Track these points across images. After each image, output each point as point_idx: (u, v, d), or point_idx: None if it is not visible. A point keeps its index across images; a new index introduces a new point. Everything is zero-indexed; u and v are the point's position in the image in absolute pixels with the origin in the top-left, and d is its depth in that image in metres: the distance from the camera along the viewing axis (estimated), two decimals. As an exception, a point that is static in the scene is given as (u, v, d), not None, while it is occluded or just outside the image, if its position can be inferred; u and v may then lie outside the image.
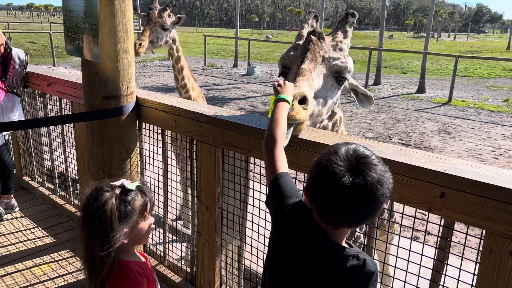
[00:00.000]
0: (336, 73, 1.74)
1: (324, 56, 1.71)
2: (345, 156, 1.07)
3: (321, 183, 1.10)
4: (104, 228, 1.43)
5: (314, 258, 1.15)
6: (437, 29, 77.03)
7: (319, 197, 1.11)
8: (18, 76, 3.63)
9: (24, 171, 4.30)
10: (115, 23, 2.24)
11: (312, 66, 1.67)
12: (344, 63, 1.74)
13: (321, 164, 1.10)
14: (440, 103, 14.67)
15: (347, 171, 1.05)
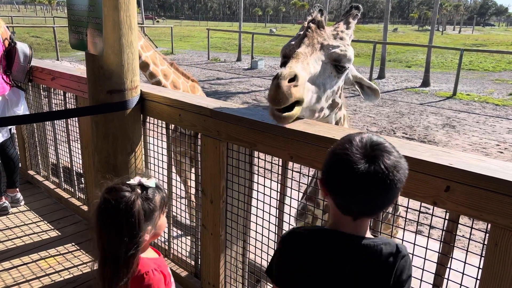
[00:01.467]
0: (335, 61, 1.72)
1: (322, 43, 1.70)
2: (360, 144, 1.08)
3: (338, 172, 1.10)
4: (132, 229, 1.39)
5: (349, 261, 1.14)
6: (442, 22, 76.41)
7: (336, 186, 1.11)
8: (22, 70, 3.64)
9: (29, 165, 4.32)
10: (119, 16, 2.24)
11: (309, 51, 1.65)
12: (344, 51, 1.72)
13: (337, 153, 1.10)
14: (444, 97, 14.60)
15: (362, 158, 1.05)
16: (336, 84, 1.78)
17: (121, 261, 1.41)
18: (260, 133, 1.89)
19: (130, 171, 2.51)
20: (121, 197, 1.41)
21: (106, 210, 1.42)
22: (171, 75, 3.49)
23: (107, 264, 1.44)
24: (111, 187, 1.45)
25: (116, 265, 1.42)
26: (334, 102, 1.83)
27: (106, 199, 1.42)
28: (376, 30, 54.66)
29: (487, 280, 1.33)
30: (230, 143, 2.12)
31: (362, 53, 27.82)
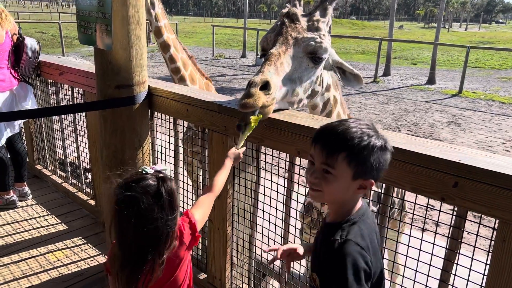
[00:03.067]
0: (311, 54, 1.74)
1: (297, 37, 1.72)
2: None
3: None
4: (172, 208, 1.36)
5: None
6: (448, 20, 75.92)
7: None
8: (30, 65, 3.67)
9: (36, 160, 4.36)
10: (128, 12, 2.25)
11: (282, 50, 1.69)
12: (319, 42, 1.74)
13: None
14: (450, 95, 14.53)
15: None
16: (314, 74, 1.82)
17: (163, 242, 1.37)
18: (268, 128, 1.90)
19: (138, 165, 2.53)
20: (152, 183, 1.34)
21: (134, 198, 1.31)
22: (189, 67, 3.36)
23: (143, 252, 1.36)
24: (130, 180, 1.36)
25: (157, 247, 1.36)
26: (314, 91, 1.88)
27: (131, 188, 1.32)
28: (381, 27, 54.42)
29: (495, 276, 1.34)
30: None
31: (367, 50, 27.71)
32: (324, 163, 1.19)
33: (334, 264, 1.16)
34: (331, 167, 1.18)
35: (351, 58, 24.62)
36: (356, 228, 1.21)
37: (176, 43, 3.27)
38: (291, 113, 1.96)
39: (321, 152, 1.19)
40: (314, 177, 1.22)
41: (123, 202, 1.32)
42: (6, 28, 3.42)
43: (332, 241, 1.18)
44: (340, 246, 1.16)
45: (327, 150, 1.18)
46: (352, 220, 1.23)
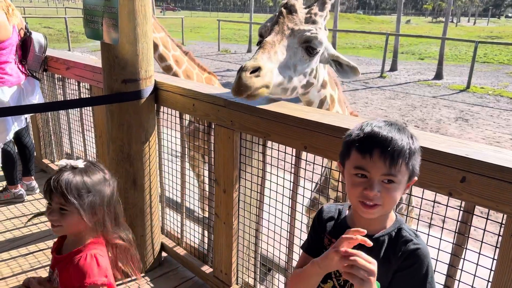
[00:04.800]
0: (305, 42, 1.77)
1: (293, 28, 1.75)
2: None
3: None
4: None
5: None
6: (456, 14, 75.18)
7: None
8: (37, 60, 3.68)
9: (44, 154, 4.38)
10: (134, 6, 2.25)
11: (278, 39, 1.72)
12: (314, 34, 1.77)
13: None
14: (458, 90, 14.42)
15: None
16: (309, 66, 1.84)
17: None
18: (274, 123, 1.90)
19: (144, 160, 2.54)
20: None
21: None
22: (184, 63, 3.36)
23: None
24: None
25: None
26: (309, 82, 1.90)
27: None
28: (388, 21, 53.98)
29: (503, 271, 1.33)
30: (244, 133, 2.13)
31: (374, 45, 27.52)
32: (388, 173, 1.11)
33: (417, 264, 1.16)
34: (395, 176, 1.12)
35: (358, 53, 24.47)
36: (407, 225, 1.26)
37: (165, 41, 3.27)
38: (297, 107, 1.95)
39: (383, 163, 1.10)
40: (376, 191, 1.12)
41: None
42: (13, 23, 3.43)
43: (413, 249, 1.17)
44: (420, 245, 1.18)
45: (390, 160, 1.10)
46: (400, 219, 1.25)
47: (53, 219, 1.49)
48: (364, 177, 1.13)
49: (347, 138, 1.20)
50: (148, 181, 2.61)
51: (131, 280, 2.70)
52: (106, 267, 1.57)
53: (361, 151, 1.12)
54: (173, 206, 2.89)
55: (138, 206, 2.63)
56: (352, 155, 1.16)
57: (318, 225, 1.33)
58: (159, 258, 2.89)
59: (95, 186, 1.54)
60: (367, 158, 1.11)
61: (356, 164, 1.14)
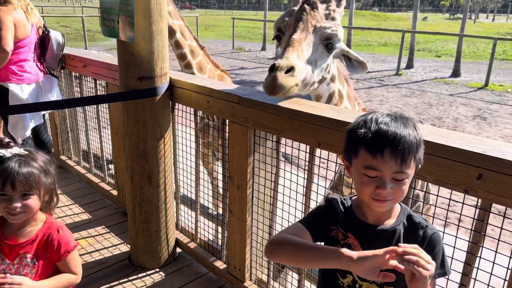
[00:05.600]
0: (326, 40, 1.83)
1: (315, 25, 1.79)
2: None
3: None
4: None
5: None
6: (474, 10, 73.81)
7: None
8: (55, 58, 3.75)
9: (61, 151, 4.46)
10: (150, 4, 2.27)
11: (303, 36, 1.76)
12: (335, 31, 1.83)
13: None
14: (475, 88, 14.16)
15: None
16: (326, 62, 1.89)
17: None
18: (288, 119, 1.90)
19: (159, 156, 2.57)
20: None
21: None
22: (199, 55, 3.35)
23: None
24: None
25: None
26: (323, 77, 1.95)
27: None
28: (405, 18, 53.27)
29: (519, 270, 1.31)
30: (258, 130, 2.13)
31: (390, 42, 27.21)
32: (399, 171, 1.13)
33: (437, 248, 1.20)
34: (404, 173, 1.14)
35: (373, 50, 24.23)
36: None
37: (183, 29, 3.26)
38: (311, 104, 1.95)
39: (394, 162, 1.11)
40: (389, 188, 1.13)
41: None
42: (32, 21, 3.49)
43: (431, 234, 1.21)
44: (434, 229, 1.22)
45: (401, 158, 1.11)
46: (407, 208, 1.28)
47: (17, 206, 1.55)
48: (372, 177, 1.14)
49: (352, 135, 1.18)
50: (163, 177, 2.64)
51: (146, 275, 2.74)
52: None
53: (371, 151, 1.12)
54: (188, 203, 2.92)
55: (153, 202, 2.66)
56: (360, 155, 1.15)
57: (328, 215, 1.30)
58: (174, 253, 2.92)
59: (47, 167, 1.64)
60: (378, 158, 1.11)
61: (366, 164, 1.14)
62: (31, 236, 1.66)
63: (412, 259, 1.01)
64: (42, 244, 1.66)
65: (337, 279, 1.27)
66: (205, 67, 3.39)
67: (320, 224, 1.29)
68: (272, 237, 1.46)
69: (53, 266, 1.72)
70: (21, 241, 1.65)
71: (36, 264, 1.66)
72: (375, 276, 1.06)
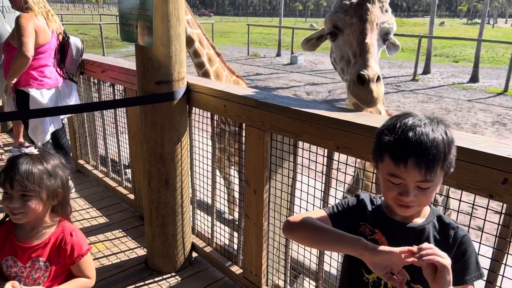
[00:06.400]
0: (385, 35, 1.86)
1: (378, 23, 1.80)
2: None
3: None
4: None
5: None
6: (493, 15, 72.74)
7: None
8: (75, 63, 3.81)
9: (79, 155, 4.52)
10: (168, 8, 2.29)
11: (374, 38, 1.76)
12: (391, 24, 1.85)
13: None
14: (495, 93, 13.92)
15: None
16: (380, 50, 1.92)
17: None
18: (306, 123, 1.89)
19: (176, 160, 2.57)
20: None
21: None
22: (216, 63, 3.38)
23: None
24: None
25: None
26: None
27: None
28: (421, 24, 52.77)
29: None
30: (275, 134, 2.12)
31: (406, 47, 26.96)
32: (424, 180, 1.10)
33: (470, 250, 1.19)
34: (430, 182, 1.11)
35: (389, 56, 24.00)
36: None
37: (201, 38, 3.30)
38: (329, 107, 1.94)
39: (418, 172, 1.08)
40: (412, 195, 1.12)
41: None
42: (52, 27, 3.56)
43: (463, 236, 1.20)
44: (463, 231, 1.21)
45: (425, 168, 1.08)
46: (436, 210, 1.26)
47: (15, 206, 1.54)
48: (395, 184, 1.13)
49: (379, 139, 1.17)
50: (179, 181, 2.64)
51: (162, 279, 2.74)
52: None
53: (395, 160, 1.10)
54: (204, 207, 2.92)
55: (170, 206, 2.66)
56: (385, 160, 1.14)
57: (357, 211, 1.29)
58: (190, 257, 2.92)
59: (55, 170, 1.62)
60: (401, 168, 1.09)
61: (390, 171, 1.12)
62: (43, 239, 1.66)
63: (429, 252, 1.01)
64: (55, 247, 1.66)
65: (362, 275, 1.25)
66: (221, 74, 3.43)
67: (346, 218, 1.28)
68: (293, 216, 1.44)
69: (66, 269, 1.72)
70: (33, 244, 1.65)
71: (49, 268, 1.66)
72: (382, 273, 1.06)
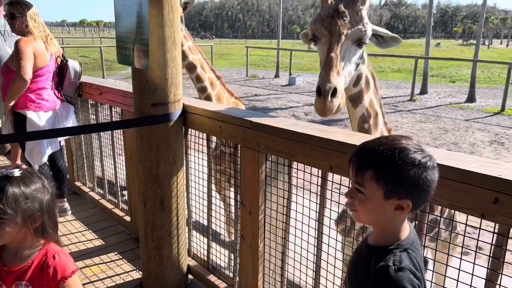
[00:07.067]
0: (357, 41, 1.90)
1: (347, 33, 1.86)
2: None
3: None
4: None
5: None
6: (488, 36, 73.81)
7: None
8: (73, 85, 3.85)
9: (76, 177, 4.52)
10: (164, 32, 2.33)
11: (338, 49, 1.83)
12: (364, 31, 1.89)
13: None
14: (492, 113, 14.01)
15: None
16: (358, 53, 1.95)
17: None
18: (299, 143, 1.90)
19: (172, 181, 2.57)
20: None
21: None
22: (217, 86, 3.43)
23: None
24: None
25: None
26: (357, 64, 1.99)
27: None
28: (418, 45, 53.49)
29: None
30: (269, 154, 2.13)
31: (403, 68, 27.28)
32: (355, 181, 1.18)
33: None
34: (362, 186, 1.16)
35: (387, 76, 24.29)
36: (407, 255, 1.16)
37: (203, 63, 3.36)
38: (323, 128, 1.95)
39: (352, 170, 1.20)
40: (349, 196, 1.21)
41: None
42: (51, 51, 3.61)
43: (385, 268, 1.12)
44: (396, 275, 1.10)
45: (356, 168, 1.18)
46: (403, 246, 1.18)
47: None
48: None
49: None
50: (175, 203, 2.64)
51: (157, 302, 2.70)
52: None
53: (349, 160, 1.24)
54: (200, 228, 2.90)
55: (165, 228, 2.65)
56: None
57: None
58: (186, 280, 2.88)
59: (33, 193, 1.58)
60: (349, 167, 1.23)
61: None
62: (27, 262, 1.63)
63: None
64: (37, 270, 1.63)
65: None
66: (222, 97, 3.48)
67: None
68: None
69: None
70: (17, 267, 1.63)
71: None
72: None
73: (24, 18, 3.44)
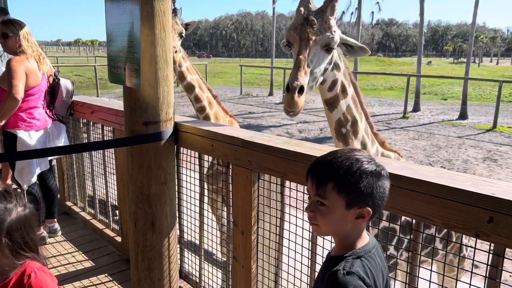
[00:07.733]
0: (326, 46, 2.06)
1: (316, 39, 2.02)
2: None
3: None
4: None
5: None
6: (478, 54, 75.05)
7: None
8: (64, 105, 3.83)
9: (67, 197, 4.45)
10: (156, 51, 2.33)
11: (307, 53, 2.00)
12: (331, 37, 2.04)
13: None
14: (484, 130, 14.11)
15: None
16: (327, 58, 2.10)
17: None
18: (291, 162, 1.88)
19: (163, 201, 2.53)
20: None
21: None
22: (215, 106, 3.44)
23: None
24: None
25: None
26: (325, 69, 2.13)
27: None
28: (409, 63, 54.23)
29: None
30: (262, 173, 2.11)
31: (395, 86, 27.55)
32: (316, 194, 1.20)
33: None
34: (323, 198, 1.19)
35: (379, 94, 24.50)
36: (360, 263, 1.18)
37: (200, 83, 3.37)
38: (315, 146, 1.94)
39: (312, 184, 1.21)
40: (310, 211, 1.22)
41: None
42: (43, 70, 3.60)
43: (334, 272, 1.14)
44: (343, 278, 1.12)
45: (317, 181, 1.20)
46: (357, 254, 1.21)
47: None
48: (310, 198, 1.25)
49: None
50: (166, 223, 2.59)
51: (148, 326, 2.62)
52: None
53: (306, 174, 1.26)
54: (192, 249, 2.85)
55: (156, 249, 2.59)
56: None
57: None
58: (177, 303, 2.81)
59: (1, 216, 1.54)
60: (307, 180, 1.24)
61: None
62: (4, 280, 1.61)
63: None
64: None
65: None
66: (219, 116, 3.49)
67: None
68: None
69: None
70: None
71: None
72: None
73: (17, 38, 3.43)
